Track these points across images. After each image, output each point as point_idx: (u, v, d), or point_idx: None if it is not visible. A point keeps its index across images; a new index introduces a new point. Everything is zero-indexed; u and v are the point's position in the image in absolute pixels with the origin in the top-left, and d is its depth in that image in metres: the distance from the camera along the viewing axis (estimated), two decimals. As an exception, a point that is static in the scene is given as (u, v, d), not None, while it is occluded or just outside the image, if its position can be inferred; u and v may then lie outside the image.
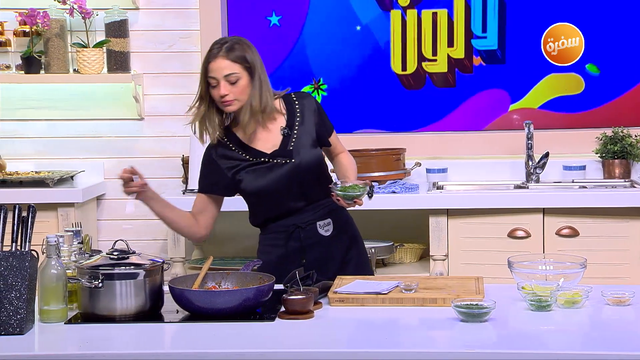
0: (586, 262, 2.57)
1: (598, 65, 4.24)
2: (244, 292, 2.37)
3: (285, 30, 4.39)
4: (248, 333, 2.25)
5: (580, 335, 2.21)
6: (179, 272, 3.87)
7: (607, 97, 4.25)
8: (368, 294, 2.51)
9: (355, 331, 2.28)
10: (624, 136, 4.06)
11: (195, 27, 4.33)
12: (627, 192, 3.79)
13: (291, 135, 2.86)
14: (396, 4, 4.33)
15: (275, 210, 2.87)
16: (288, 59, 4.40)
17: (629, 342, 2.10)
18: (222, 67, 2.78)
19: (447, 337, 2.22)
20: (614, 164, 4.05)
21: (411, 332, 2.27)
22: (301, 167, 2.83)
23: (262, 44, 4.40)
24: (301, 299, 2.36)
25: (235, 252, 4.26)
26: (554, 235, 3.76)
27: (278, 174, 2.83)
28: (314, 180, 2.86)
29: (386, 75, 4.37)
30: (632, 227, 3.70)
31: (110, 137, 4.38)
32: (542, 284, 2.46)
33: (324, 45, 4.40)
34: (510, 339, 2.17)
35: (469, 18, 4.29)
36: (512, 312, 2.38)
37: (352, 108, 4.43)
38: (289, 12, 4.38)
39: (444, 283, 2.65)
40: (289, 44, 4.39)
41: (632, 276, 3.70)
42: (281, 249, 2.88)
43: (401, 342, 2.18)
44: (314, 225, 2.87)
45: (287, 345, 2.19)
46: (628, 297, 2.39)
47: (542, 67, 4.28)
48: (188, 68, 4.35)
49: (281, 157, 2.84)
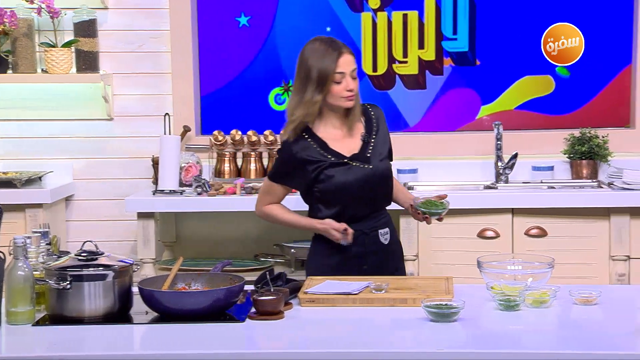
0: (554, 262, 2.60)
1: (568, 68, 4.28)
2: (214, 293, 2.36)
3: (254, 31, 4.38)
4: (218, 334, 2.24)
5: (548, 335, 2.23)
6: (149, 273, 3.85)
7: (577, 99, 4.29)
8: (338, 295, 2.51)
9: (325, 331, 2.28)
10: (592, 137, 4.10)
11: (165, 27, 4.31)
12: (594, 193, 3.82)
13: (369, 142, 2.93)
14: (366, 6, 4.34)
15: (345, 212, 2.89)
16: (257, 60, 4.39)
17: (597, 342, 2.12)
18: (350, 61, 2.88)
19: (416, 337, 2.23)
20: (582, 164, 4.09)
21: (381, 332, 2.28)
22: (377, 174, 2.90)
23: (232, 44, 4.39)
24: (272, 300, 2.36)
25: (206, 253, 4.25)
26: (522, 236, 3.79)
27: (356, 177, 2.88)
28: (384, 189, 2.94)
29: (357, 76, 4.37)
30: (599, 227, 3.74)
31: (80, 137, 4.34)
32: (510, 283, 2.48)
33: (295, 46, 4.40)
34: (479, 339, 2.19)
35: (440, 20, 4.31)
36: (482, 311, 2.39)
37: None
38: (258, 13, 4.38)
39: (414, 283, 2.66)
40: (258, 45, 4.38)
41: (600, 276, 3.74)
42: (344, 252, 2.89)
43: (371, 343, 2.18)
44: (377, 232, 2.93)
45: (257, 346, 2.19)
46: (595, 297, 2.42)
47: (513, 70, 4.30)
48: (158, 68, 4.33)
49: (359, 161, 2.90)
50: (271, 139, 4.23)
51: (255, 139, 4.24)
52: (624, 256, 3.73)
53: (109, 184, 4.33)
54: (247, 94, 4.44)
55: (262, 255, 4.17)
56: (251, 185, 4.00)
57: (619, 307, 2.40)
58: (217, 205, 3.93)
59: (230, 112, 4.45)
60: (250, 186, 3.99)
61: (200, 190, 3.98)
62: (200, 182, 3.99)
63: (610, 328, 2.24)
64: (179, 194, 4.01)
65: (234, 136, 4.24)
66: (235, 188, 3.98)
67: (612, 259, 3.74)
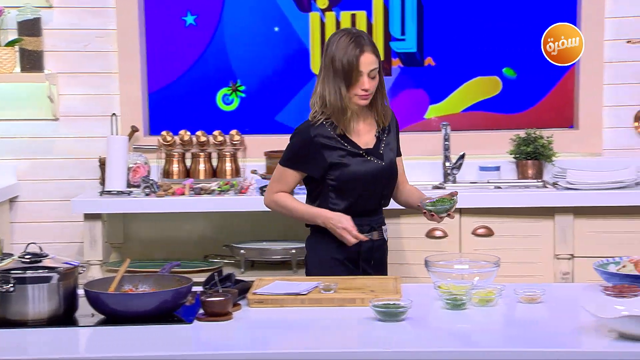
0: (500, 261, 2.63)
1: (514, 69, 4.33)
2: (161, 295, 2.34)
3: (201, 30, 4.36)
4: (165, 336, 2.22)
5: (494, 333, 2.26)
6: (97, 276, 3.80)
7: (524, 100, 4.35)
8: (287, 295, 2.51)
9: (274, 332, 2.28)
10: (537, 138, 4.17)
11: (112, 26, 4.27)
12: (539, 192, 3.88)
13: (382, 139, 2.98)
14: (314, 6, 4.35)
15: (359, 205, 2.93)
16: (204, 60, 4.36)
17: (541, 339, 2.16)
18: (370, 61, 2.87)
19: (365, 336, 2.24)
20: (527, 164, 4.15)
21: (330, 332, 2.28)
22: (388, 170, 2.96)
23: (179, 44, 4.37)
24: (220, 301, 2.35)
25: (155, 254, 4.21)
26: (470, 235, 3.83)
27: (370, 170, 2.93)
28: (391, 186, 3.01)
29: (306, 77, 4.38)
30: (544, 227, 3.80)
31: (24, 137, 4.27)
32: (457, 283, 2.51)
33: (243, 46, 4.39)
34: (427, 338, 2.21)
35: (388, 20, 4.34)
36: (429, 311, 2.41)
37: (272, 109, 4.43)
38: (204, 12, 4.36)
39: (363, 283, 2.67)
40: (205, 45, 4.36)
41: (545, 274, 3.79)
42: (355, 246, 2.91)
43: (319, 343, 2.19)
44: (382, 228, 3.01)
45: (205, 348, 2.18)
46: (539, 295, 2.46)
47: (461, 70, 4.35)
48: (105, 68, 4.28)
49: (373, 156, 2.94)
50: (220, 139, 4.21)
51: (204, 140, 4.21)
52: (568, 255, 3.79)
53: (54, 184, 4.26)
54: (196, 95, 4.41)
55: (212, 256, 4.15)
56: (200, 186, 3.97)
57: (562, 305, 2.44)
58: (165, 206, 3.90)
59: (179, 112, 4.41)
60: (199, 187, 3.97)
61: (148, 191, 3.95)
62: (148, 183, 3.96)
63: (554, 326, 2.28)
64: (126, 195, 3.97)
65: (183, 136, 4.21)
66: (184, 189, 3.95)
67: (557, 257, 3.80)
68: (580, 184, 3.82)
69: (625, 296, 2.31)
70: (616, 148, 4.25)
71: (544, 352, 2.06)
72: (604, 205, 3.75)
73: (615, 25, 4.19)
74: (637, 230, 3.75)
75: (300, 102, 4.41)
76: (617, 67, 4.19)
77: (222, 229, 4.23)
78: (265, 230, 4.16)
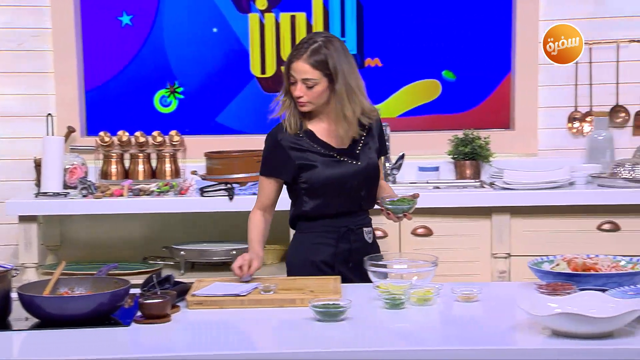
0: (437, 261, 2.66)
1: (454, 71, 4.39)
2: (97, 297, 2.31)
3: (137, 31, 4.32)
4: (102, 339, 2.19)
5: (431, 332, 2.28)
6: (32, 278, 3.73)
7: (462, 102, 4.40)
8: (227, 296, 2.50)
9: (213, 334, 2.27)
10: (474, 138, 4.23)
11: (47, 25, 4.20)
12: (477, 192, 3.94)
13: (359, 140, 2.89)
14: (254, 7, 4.34)
15: (333, 206, 2.86)
16: (142, 61, 4.33)
17: (477, 337, 2.19)
18: (302, 70, 2.78)
19: (304, 337, 2.24)
20: (465, 165, 4.21)
21: (269, 333, 2.28)
22: (365, 171, 2.87)
23: (116, 44, 4.32)
24: (157, 303, 2.33)
25: (93, 256, 4.16)
26: (409, 235, 3.86)
27: (345, 172, 2.85)
28: (371, 187, 2.92)
29: (246, 78, 4.37)
30: (482, 226, 3.86)
31: (-43, 138, 4.18)
32: (396, 282, 2.53)
33: (181, 48, 4.36)
34: (366, 337, 2.22)
35: (328, 22, 4.35)
36: (368, 310, 2.42)
37: (212, 110, 4.41)
38: (140, 12, 4.32)
39: (303, 283, 2.67)
40: (141, 46, 4.32)
41: (483, 273, 3.85)
42: (331, 248, 2.86)
43: (258, 344, 2.18)
44: (362, 230, 2.92)
45: (142, 350, 2.15)
46: (476, 294, 2.49)
47: (401, 72, 4.38)
48: (40, 67, 4.21)
49: (349, 157, 2.86)
50: (160, 140, 4.18)
51: (143, 140, 4.17)
52: (505, 254, 3.85)
53: (-12, 186, 4.18)
54: (134, 95, 4.37)
55: (151, 258, 4.11)
56: (139, 187, 3.93)
57: (498, 304, 2.48)
58: (103, 207, 3.85)
59: (117, 113, 4.37)
60: (138, 188, 3.92)
61: (85, 193, 3.89)
62: (85, 184, 3.90)
63: (490, 324, 2.31)
64: (63, 196, 3.91)
65: (121, 137, 4.17)
66: (122, 190, 3.91)
67: (494, 256, 3.86)
68: (516, 184, 3.88)
69: (559, 294, 2.35)
70: (551, 149, 4.34)
71: (480, 350, 2.09)
72: (539, 204, 3.82)
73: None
74: (570, 229, 3.83)
75: (241, 103, 4.40)
76: (551, 69, 4.27)
77: (162, 230, 4.19)
78: (206, 231, 4.14)
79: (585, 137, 4.31)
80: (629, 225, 3.82)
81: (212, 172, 4.09)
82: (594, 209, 3.82)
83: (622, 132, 4.31)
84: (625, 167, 3.86)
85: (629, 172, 3.84)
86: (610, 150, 4.20)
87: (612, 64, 4.25)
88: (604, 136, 4.20)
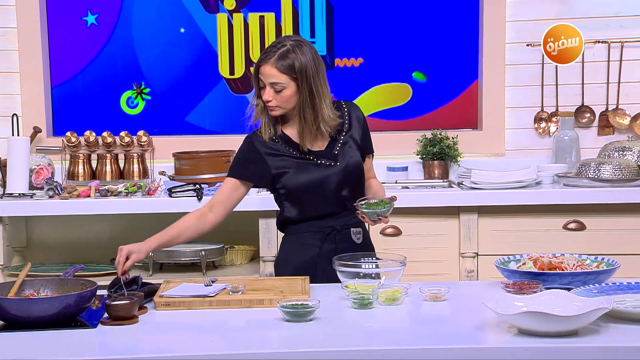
0: (406, 260, 2.67)
1: (424, 72, 4.41)
2: (63, 299, 2.29)
3: (104, 31, 4.30)
4: (67, 341, 2.17)
5: (399, 331, 2.29)
6: (-3, 281, 3.69)
7: (431, 105, 4.43)
8: (195, 297, 2.49)
9: (180, 335, 2.26)
10: (442, 138, 4.25)
11: (13, 24, 4.15)
12: (445, 192, 3.96)
13: (337, 139, 2.85)
14: (222, 7, 4.32)
15: (313, 210, 2.83)
16: (108, 62, 4.30)
17: (444, 336, 2.20)
18: (270, 74, 2.73)
19: (273, 337, 2.24)
20: (434, 165, 4.23)
21: (237, 333, 2.27)
22: (345, 171, 2.83)
23: (82, 44, 4.29)
24: (125, 304, 2.32)
25: (60, 258, 4.12)
26: (378, 235, 3.87)
27: (323, 174, 2.81)
28: (353, 186, 2.86)
29: (214, 79, 4.36)
30: (450, 226, 3.88)
31: None
32: (365, 282, 2.53)
33: (149, 48, 4.34)
34: (334, 337, 2.22)
35: (297, 22, 4.35)
36: (337, 310, 2.43)
37: (182, 110, 4.39)
38: (105, 12, 4.29)
39: (272, 284, 2.67)
40: (108, 46, 4.30)
41: (451, 272, 3.87)
42: (316, 249, 2.83)
43: (226, 345, 2.18)
44: (349, 230, 2.87)
45: (109, 352, 2.14)
46: (444, 293, 2.50)
47: (370, 74, 4.39)
48: (5, 67, 4.17)
49: (326, 158, 2.82)
50: (127, 140, 4.15)
51: (110, 140, 4.14)
52: (473, 253, 3.88)
53: (-48, 187, 4.12)
54: (101, 96, 4.34)
55: (118, 259, 4.08)
56: (106, 188, 3.90)
57: (466, 303, 2.49)
58: (70, 208, 3.81)
59: (84, 113, 4.33)
60: (105, 188, 3.90)
61: (52, 193, 3.85)
62: (52, 185, 3.86)
63: (457, 323, 2.32)
64: (29, 197, 3.87)
65: (88, 137, 4.13)
66: (89, 191, 3.87)
67: (462, 256, 3.89)
68: (483, 184, 3.91)
69: (525, 293, 2.37)
70: (518, 149, 4.38)
71: (447, 349, 2.10)
72: (507, 204, 3.85)
73: (516, 29, 4.32)
74: (537, 229, 3.87)
75: (211, 103, 4.38)
76: (517, 69, 4.31)
77: (130, 231, 4.16)
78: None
79: (551, 137, 4.36)
80: (594, 224, 3.86)
81: (180, 172, 4.08)
82: (560, 208, 3.86)
83: (588, 132, 4.36)
84: (590, 166, 3.91)
85: (594, 172, 3.88)
86: (576, 150, 4.24)
87: (578, 65, 4.29)
88: (570, 136, 4.25)
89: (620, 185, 3.83)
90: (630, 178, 3.85)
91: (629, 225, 3.84)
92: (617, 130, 4.35)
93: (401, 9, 4.37)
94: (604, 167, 3.88)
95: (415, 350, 2.10)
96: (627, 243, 3.83)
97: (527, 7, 4.30)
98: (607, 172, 3.87)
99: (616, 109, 4.34)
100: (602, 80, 4.33)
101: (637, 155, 4.10)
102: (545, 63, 4.28)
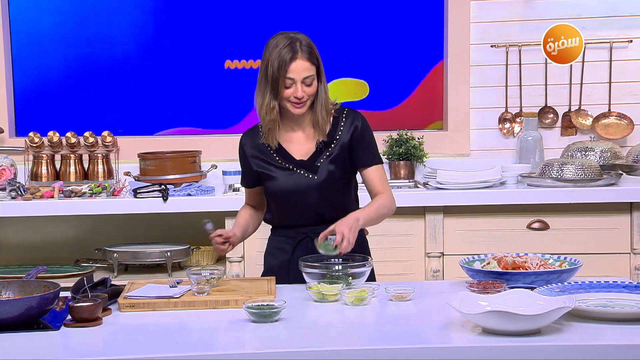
0: (372, 261, 2.68)
1: (384, 68, 4.41)
2: (26, 301, 2.26)
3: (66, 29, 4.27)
4: (29, 343, 2.15)
5: (365, 331, 2.30)
6: (-41, 283, 3.63)
7: (392, 97, 4.44)
8: (160, 298, 2.48)
9: (145, 336, 2.24)
10: (408, 139, 4.27)
11: None
12: (412, 192, 3.98)
13: (324, 150, 2.77)
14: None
15: (285, 218, 2.81)
16: (74, 59, 4.26)
17: (410, 336, 2.21)
18: (304, 68, 2.66)
19: (238, 338, 2.23)
20: (400, 165, 4.25)
21: (202, 334, 2.26)
22: (321, 186, 2.75)
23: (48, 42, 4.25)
24: (88, 306, 2.30)
25: (23, 259, 4.07)
26: (344, 235, 3.87)
27: (298, 185, 2.75)
28: (332, 200, 2.77)
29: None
30: (416, 226, 3.90)
31: None
32: (330, 283, 2.54)
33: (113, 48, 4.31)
34: (300, 338, 2.22)
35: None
36: (302, 311, 2.43)
37: (146, 110, 4.36)
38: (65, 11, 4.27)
39: (237, 285, 2.66)
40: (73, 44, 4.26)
41: (417, 272, 3.89)
42: (286, 254, 2.81)
43: (191, 345, 2.17)
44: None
45: (71, 354, 2.12)
46: (409, 293, 2.52)
47: (328, 69, 4.39)
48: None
49: (305, 169, 2.76)
50: (92, 141, 4.11)
51: (74, 141, 4.10)
52: (438, 253, 3.90)
53: None
54: (64, 95, 4.30)
55: (83, 260, 4.05)
56: (70, 189, 3.87)
57: (431, 302, 2.50)
58: (33, 209, 3.77)
59: (47, 113, 4.29)
60: (69, 189, 3.86)
61: (14, 194, 3.81)
62: (14, 186, 3.82)
63: (423, 322, 2.33)
64: (-9, 198, 3.82)
65: (52, 138, 4.09)
66: (53, 192, 3.84)
67: (428, 255, 3.91)
68: (449, 184, 3.93)
69: (489, 292, 2.39)
70: (482, 149, 4.41)
71: (412, 349, 2.11)
72: (471, 204, 3.88)
73: (480, 30, 4.35)
74: (502, 228, 3.90)
75: (177, 103, 4.36)
76: (482, 70, 4.35)
77: (94, 232, 4.13)
78: (139, 233, 4.09)
79: (515, 138, 4.40)
80: (558, 224, 3.90)
81: (145, 173, 4.05)
82: (524, 208, 3.90)
83: (551, 132, 4.40)
84: (553, 166, 3.95)
85: (557, 172, 3.93)
86: (540, 151, 4.29)
87: (541, 66, 4.34)
88: (534, 137, 4.29)
89: (582, 185, 3.88)
90: (592, 178, 3.90)
91: (591, 224, 3.89)
92: (580, 131, 4.40)
93: (366, 8, 4.38)
94: (567, 167, 3.92)
95: (381, 350, 2.11)
96: (589, 242, 3.88)
97: (492, 8, 4.34)
98: (569, 172, 3.91)
99: (579, 110, 4.39)
100: (565, 82, 4.38)
101: (599, 155, 4.16)
102: (509, 64, 4.32)
